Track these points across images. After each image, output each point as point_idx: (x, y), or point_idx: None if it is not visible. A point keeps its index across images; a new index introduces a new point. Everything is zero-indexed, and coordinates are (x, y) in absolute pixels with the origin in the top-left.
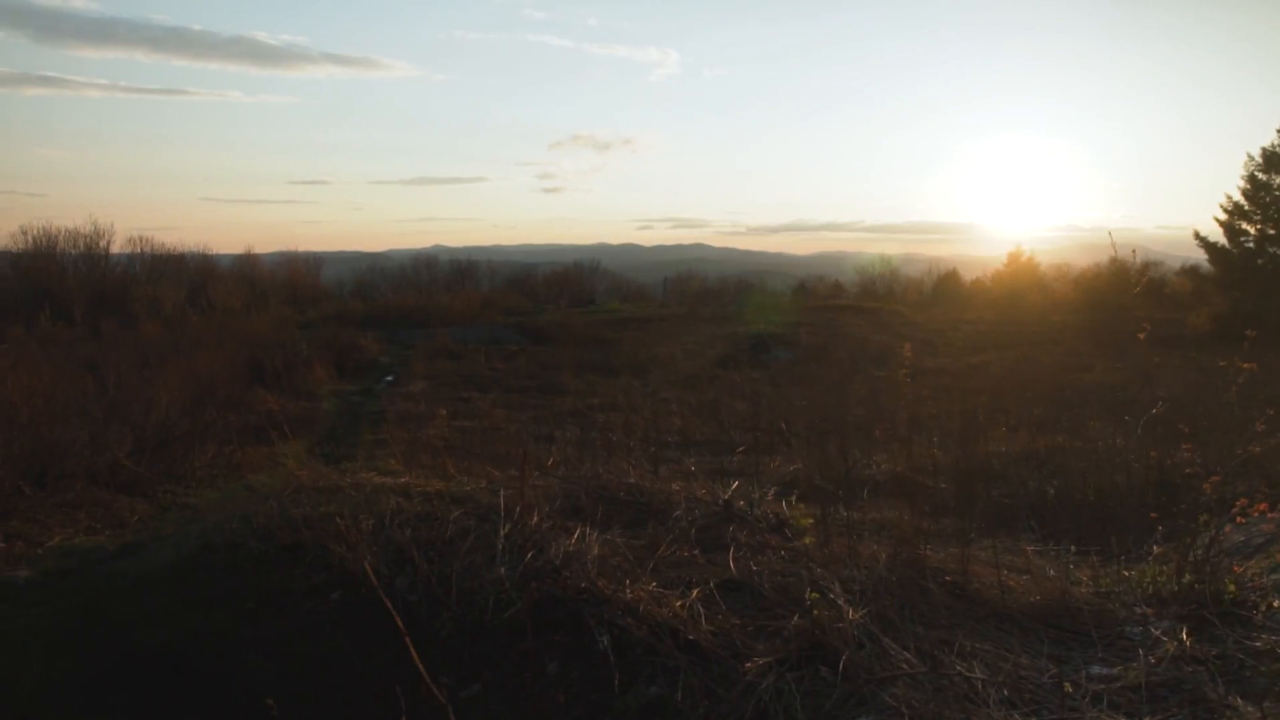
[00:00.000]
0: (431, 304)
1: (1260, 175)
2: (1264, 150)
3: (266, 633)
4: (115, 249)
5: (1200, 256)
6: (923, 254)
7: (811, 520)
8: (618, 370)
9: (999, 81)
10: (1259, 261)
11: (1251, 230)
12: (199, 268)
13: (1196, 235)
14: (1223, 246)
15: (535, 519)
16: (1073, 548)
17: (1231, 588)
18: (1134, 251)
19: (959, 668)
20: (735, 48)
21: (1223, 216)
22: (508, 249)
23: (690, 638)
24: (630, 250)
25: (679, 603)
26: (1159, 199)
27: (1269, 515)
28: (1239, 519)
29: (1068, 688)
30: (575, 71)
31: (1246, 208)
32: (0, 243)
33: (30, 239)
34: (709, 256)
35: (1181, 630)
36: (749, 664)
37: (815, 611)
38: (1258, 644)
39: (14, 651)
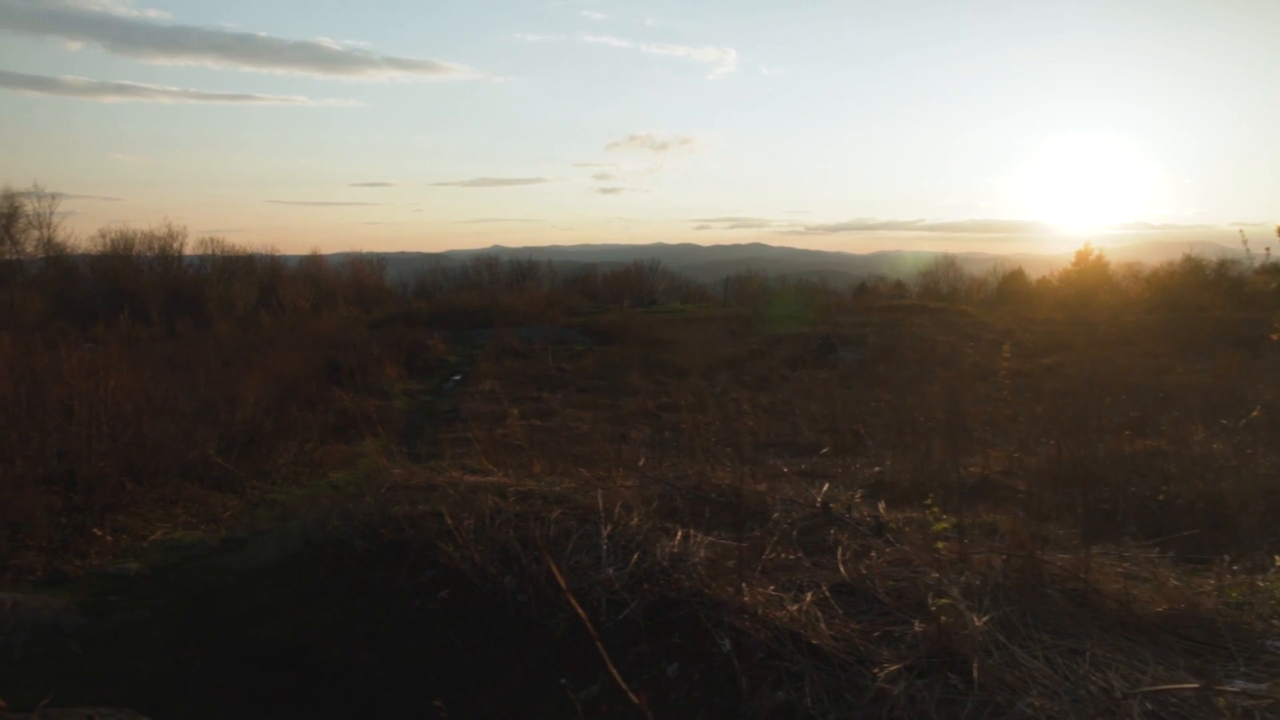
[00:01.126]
0: (495, 304)
1: None
2: None
3: (377, 630)
4: (187, 251)
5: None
6: (985, 253)
7: (947, 525)
8: (685, 370)
9: (1063, 80)
10: None
11: None
12: (268, 269)
13: None
14: None
15: (635, 520)
16: (1186, 556)
17: None
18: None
19: (1094, 678)
20: (794, 47)
21: None
22: (566, 249)
23: (813, 642)
24: (688, 250)
25: (794, 606)
26: (1233, 195)
27: None
28: None
29: (1221, 702)
30: (633, 72)
31: None
32: (80, 246)
33: (108, 242)
34: (767, 256)
35: None
36: (879, 670)
37: (942, 618)
38: None
39: (137, 642)
